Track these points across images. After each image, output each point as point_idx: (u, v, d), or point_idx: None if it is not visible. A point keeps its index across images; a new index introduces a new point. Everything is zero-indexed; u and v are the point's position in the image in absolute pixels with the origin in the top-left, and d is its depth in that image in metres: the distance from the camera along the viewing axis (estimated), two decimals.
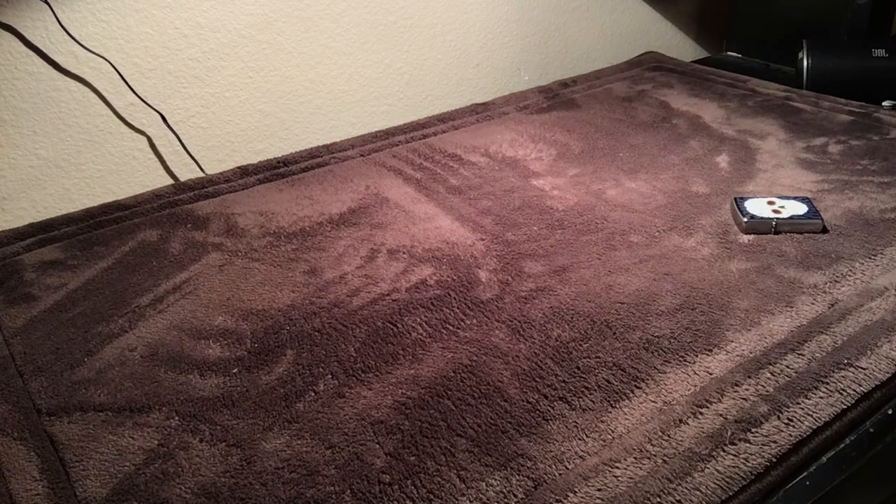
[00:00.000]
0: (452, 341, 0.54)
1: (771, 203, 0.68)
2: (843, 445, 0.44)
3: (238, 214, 0.75)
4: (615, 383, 0.48)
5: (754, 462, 0.42)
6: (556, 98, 1.02)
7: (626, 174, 0.78)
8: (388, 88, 1.01)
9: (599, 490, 0.41)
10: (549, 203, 0.73)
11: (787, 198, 0.69)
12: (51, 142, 0.78)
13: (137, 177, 0.85)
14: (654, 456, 0.43)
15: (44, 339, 0.57)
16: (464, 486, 0.42)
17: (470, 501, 0.41)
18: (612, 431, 0.45)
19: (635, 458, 0.43)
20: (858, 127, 0.86)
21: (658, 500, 0.40)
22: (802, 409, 0.45)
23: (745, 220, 0.65)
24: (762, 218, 0.65)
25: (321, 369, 0.52)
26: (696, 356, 0.50)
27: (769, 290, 0.57)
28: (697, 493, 0.40)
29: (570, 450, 0.44)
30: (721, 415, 0.45)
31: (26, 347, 0.56)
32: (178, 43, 0.83)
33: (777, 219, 0.65)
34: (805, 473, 0.43)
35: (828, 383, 0.47)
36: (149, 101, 0.82)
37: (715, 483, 0.41)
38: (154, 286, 0.63)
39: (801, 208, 0.67)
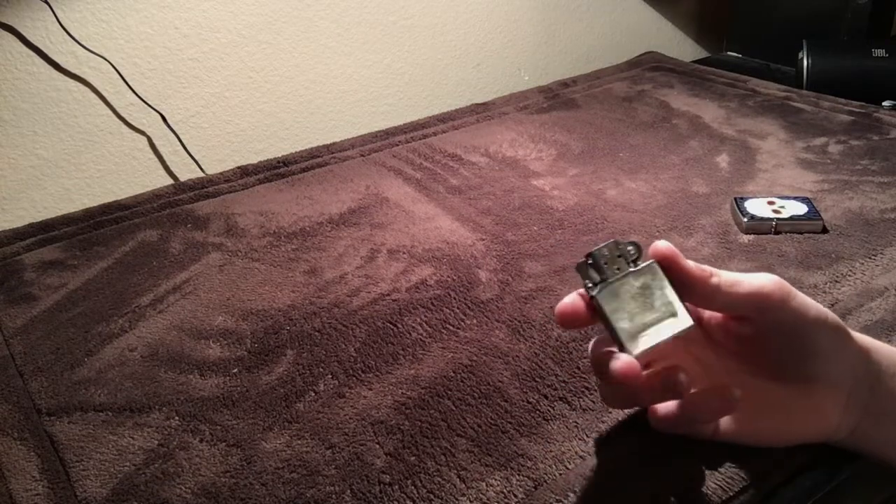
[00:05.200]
0: (452, 341, 0.54)
1: (771, 203, 0.68)
2: None
3: (238, 214, 0.75)
4: None
5: (754, 462, 0.42)
6: (556, 98, 1.02)
7: (626, 174, 0.78)
8: (388, 88, 1.01)
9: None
10: (549, 203, 0.73)
11: (787, 198, 0.69)
12: (51, 142, 0.78)
13: (137, 177, 0.85)
14: (655, 456, 0.43)
15: (44, 339, 0.57)
16: (464, 486, 0.42)
17: (470, 501, 0.41)
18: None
19: None
20: (858, 127, 0.86)
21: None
22: None
23: (745, 220, 0.65)
24: (762, 218, 0.65)
25: (321, 369, 0.52)
26: None
27: None
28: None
29: (570, 450, 0.44)
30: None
31: (26, 347, 0.56)
32: (178, 43, 0.83)
33: (777, 219, 0.65)
34: (805, 473, 0.42)
35: None
36: (149, 101, 0.82)
37: (716, 483, 0.40)
38: (154, 286, 0.63)
39: (801, 208, 0.67)
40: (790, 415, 0.41)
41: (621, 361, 0.37)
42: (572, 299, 0.40)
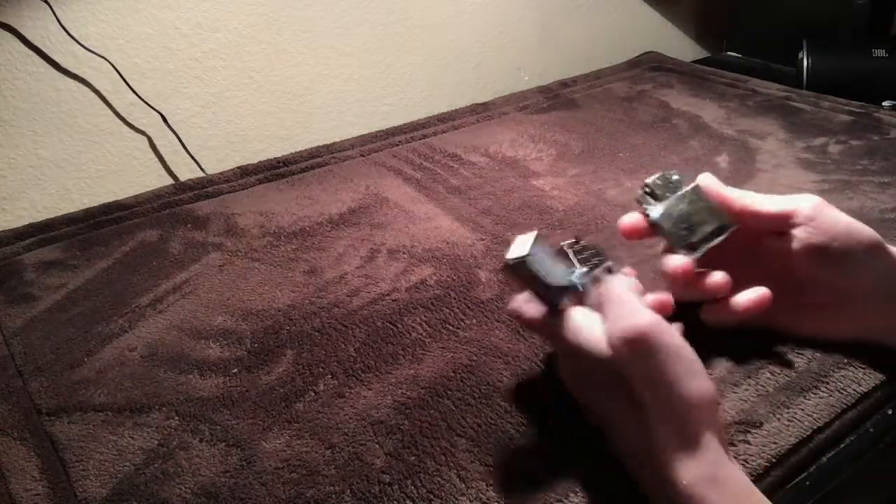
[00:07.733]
0: (452, 341, 0.54)
1: None
2: (843, 445, 0.44)
3: (238, 214, 0.75)
4: None
5: (754, 462, 0.42)
6: (556, 98, 1.02)
7: (626, 174, 0.78)
8: (388, 88, 1.01)
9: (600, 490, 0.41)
10: (549, 203, 0.73)
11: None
12: (51, 142, 0.78)
13: (137, 177, 0.85)
14: None
15: (44, 339, 0.57)
16: (464, 485, 0.42)
17: (470, 501, 0.41)
18: None
19: None
20: (858, 127, 0.86)
21: None
22: (802, 409, 0.45)
23: None
24: None
25: (321, 369, 0.52)
26: None
27: None
28: None
29: (570, 450, 0.44)
30: (721, 415, 0.45)
31: (26, 347, 0.56)
32: (178, 43, 0.83)
33: None
34: (805, 473, 0.43)
35: (828, 383, 0.47)
36: (149, 101, 0.82)
37: None
38: (154, 286, 0.63)
39: None
40: (828, 318, 0.47)
41: (678, 263, 0.45)
42: (634, 217, 0.47)
